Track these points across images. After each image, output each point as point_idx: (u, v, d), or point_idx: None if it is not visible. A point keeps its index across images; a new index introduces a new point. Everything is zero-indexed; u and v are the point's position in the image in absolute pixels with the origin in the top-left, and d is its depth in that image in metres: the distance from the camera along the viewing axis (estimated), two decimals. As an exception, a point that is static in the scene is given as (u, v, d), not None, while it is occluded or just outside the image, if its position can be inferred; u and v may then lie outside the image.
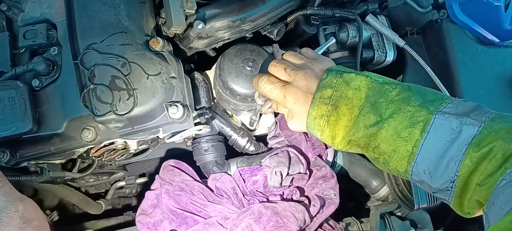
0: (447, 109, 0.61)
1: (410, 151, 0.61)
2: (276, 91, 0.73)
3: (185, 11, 0.83)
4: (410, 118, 0.61)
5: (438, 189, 0.61)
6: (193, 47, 0.90)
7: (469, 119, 0.58)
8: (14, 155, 0.81)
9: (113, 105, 0.74)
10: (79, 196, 1.18)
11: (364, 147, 0.67)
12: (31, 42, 0.80)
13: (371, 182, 1.15)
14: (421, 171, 0.62)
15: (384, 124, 0.63)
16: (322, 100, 0.67)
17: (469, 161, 0.57)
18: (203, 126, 0.86)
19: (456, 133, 0.58)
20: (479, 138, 0.57)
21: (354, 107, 0.66)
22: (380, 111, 0.64)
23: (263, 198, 0.90)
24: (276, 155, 0.90)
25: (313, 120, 0.69)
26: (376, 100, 0.64)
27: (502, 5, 0.97)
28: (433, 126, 0.60)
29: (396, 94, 0.64)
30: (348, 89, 0.66)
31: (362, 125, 0.65)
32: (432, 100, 0.63)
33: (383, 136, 0.63)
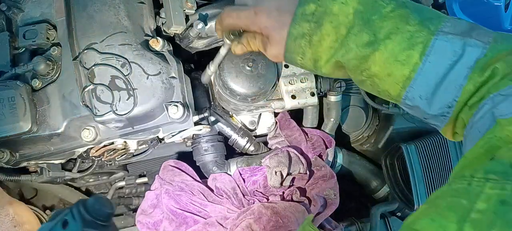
0: (447, 28, 0.55)
1: (406, 75, 0.56)
2: (244, 13, 0.64)
3: (185, 11, 0.83)
4: (409, 38, 0.55)
5: (433, 115, 0.57)
6: (193, 47, 0.90)
7: (472, 40, 0.53)
8: (14, 155, 0.81)
9: (113, 105, 0.74)
10: (79, 196, 1.18)
11: (353, 69, 0.60)
12: (31, 42, 0.80)
13: (371, 182, 1.15)
14: (416, 96, 0.56)
15: (380, 46, 0.56)
16: (303, 17, 0.59)
17: (472, 86, 0.52)
18: (203, 125, 0.86)
19: (458, 55, 0.53)
20: (484, 60, 0.51)
21: (340, 25, 0.58)
22: (374, 30, 0.56)
23: (263, 198, 0.90)
24: (276, 155, 0.90)
25: (294, 40, 0.60)
26: (369, 17, 0.57)
27: (502, 5, 0.97)
28: (434, 48, 0.54)
29: (390, 10, 0.57)
30: (334, 4, 0.58)
31: (353, 45, 0.57)
32: (430, 18, 0.56)
33: (377, 58, 0.57)
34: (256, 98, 0.88)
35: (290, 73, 0.92)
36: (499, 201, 0.37)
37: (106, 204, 0.61)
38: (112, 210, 0.62)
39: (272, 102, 0.92)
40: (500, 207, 0.37)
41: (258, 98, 0.88)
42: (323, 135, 1.00)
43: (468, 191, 0.40)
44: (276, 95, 0.92)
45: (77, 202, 0.59)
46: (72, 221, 0.58)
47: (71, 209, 0.59)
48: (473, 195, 0.39)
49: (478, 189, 0.40)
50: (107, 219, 0.61)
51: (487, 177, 0.40)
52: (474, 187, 0.40)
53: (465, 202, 0.39)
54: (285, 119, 1.00)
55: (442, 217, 0.40)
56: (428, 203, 0.44)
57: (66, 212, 0.59)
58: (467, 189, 0.41)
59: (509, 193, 0.37)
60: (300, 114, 1.03)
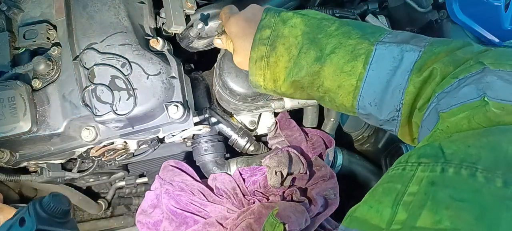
0: (386, 39, 0.60)
1: (354, 84, 0.60)
2: (226, 14, 0.74)
3: (185, 11, 0.83)
4: (352, 51, 0.60)
5: (385, 120, 0.61)
6: (193, 47, 0.90)
7: (409, 45, 0.58)
8: (14, 155, 0.82)
9: (113, 105, 0.74)
10: (79, 196, 1.18)
11: (308, 86, 0.65)
12: (31, 42, 0.80)
13: (371, 182, 1.15)
14: (367, 104, 0.61)
15: (326, 60, 0.62)
16: (261, 41, 0.66)
17: (412, 87, 0.56)
18: (203, 126, 0.86)
19: (398, 60, 0.57)
20: (421, 62, 0.56)
21: (291, 47, 0.64)
22: (320, 47, 0.62)
23: (263, 198, 0.90)
24: (276, 155, 0.90)
25: (255, 63, 0.67)
26: (315, 37, 0.63)
27: (502, 5, 0.97)
28: (374, 56, 0.59)
29: (335, 29, 0.63)
30: (285, 27, 0.65)
31: (304, 63, 0.63)
32: (372, 33, 0.61)
33: (326, 73, 0.62)
34: (256, 98, 0.88)
35: (290, 73, 0.92)
36: (429, 182, 0.39)
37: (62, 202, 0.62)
38: (68, 207, 0.63)
39: (272, 102, 0.92)
40: (430, 188, 0.38)
41: (258, 98, 0.88)
42: (323, 135, 1.00)
43: (402, 176, 0.42)
44: (276, 95, 0.92)
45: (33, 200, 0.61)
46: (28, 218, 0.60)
47: (28, 208, 0.61)
48: (406, 179, 0.41)
49: (411, 173, 0.41)
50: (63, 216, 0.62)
51: (419, 161, 0.41)
52: (407, 171, 0.42)
53: (399, 186, 0.41)
54: (285, 119, 1.00)
55: (378, 203, 0.42)
56: (370, 192, 0.46)
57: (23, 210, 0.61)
58: (401, 174, 0.42)
59: (438, 174, 0.39)
60: (300, 114, 1.03)
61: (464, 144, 0.40)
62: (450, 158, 0.40)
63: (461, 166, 0.38)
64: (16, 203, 1.02)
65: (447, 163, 0.39)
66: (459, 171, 0.38)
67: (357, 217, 0.43)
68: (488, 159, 0.38)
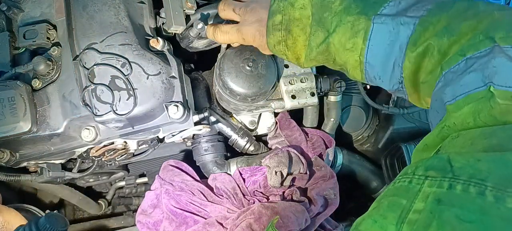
0: (386, 10, 0.59)
1: (358, 60, 0.62)
2: (234, 37, 0.75)
3: (185, 11, 0.83)
4: (351, 28, 0.61)
5: (393, 90, 0.62)
6: (193, 47, 0.90)
7: (404, 18, 0.56)
8: (14, 155, 0.81)
9: (113, 105, 0.74)
10: (79, 196, 1.18)
11: (325, 61, 0.68)
12: (31, 42, 0.80)
13: (371, 182, 1.15)
14: (372, 77, 0.63)
15: (330, 39, 0.63)
16: (274, 27, 0.68)
17: (408, 62, 0.56)
18: (203, 125, 0.86)
19: (394, 34, 0.57)
20: (415, 36, 0.55)
21: (306, 26, 0.66)
22: (326, 27, 0.64)
23: (263, 198, 0.90)
24: (276, 155, 0.90)
25: (274, 47, 0.70)
26: (320, 16, 0.64)
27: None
28: (373, 31, 0.59)
29: (338, 4, 0.63)
30: (294, 10, 0.66)
31: (314, 44, 0.65)
32: (373, 3, 0.61)
33: (333, 50, 0.64)
34: (256, 98, 0.88)
35: (290, 73, 0.92)
36: (436, 200, 0.37)
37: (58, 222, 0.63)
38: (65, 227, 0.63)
39: (272, 102, 0.92)
40: (436, 206, 0.36)
41: (258, 98, 0.88)
42: (323, 135, 1.00)
43: (408, 189, 0.40)
44: (276, 95, 0.92)
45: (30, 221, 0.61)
46: None
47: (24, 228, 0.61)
48: (412, 193, 0.39)
49: (417, 187, 0.39)
50: None
51: (426, 174, 0.40)
52: (414, 185, 0.40)
53: (404, 202, 0.39)
54: (285, 119, 1.00)
55: (383, 218, 0.40)
56: (375, 202, 0.44)
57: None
58: (407, 187, 0.41)
59: (445, 191, 0.37)
60: (300, 114, 1.03)
61: (474, 157, 0.38)
62: (458, 173, 0.38)
63: (470, 183, 0.36)
64: (16, 203, 1.02)
65: (455, 179, 0.37)
66: (467, 189, 0.36)
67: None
68: (499, 175, 0.36)
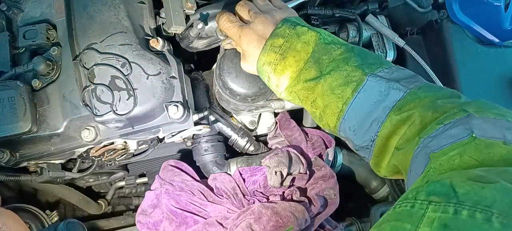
0: (381, 73, 0.63)
1: (340, 108, 0.64)
2: (233, 30, 0.74)
3: (185, 11, 0.83)
4: (346, 76, 0.64)
5: (360, 146, 0.65)
6: (193, 47, 0.90)
7: (397, 84, 0.61)
8: (14, 155, 0.81)
9: (113, 105, 0.74)
10: (79, 196, 1.18)
11: (303, 99, 0.69)
12: (31, 42, 0.80)
13: (371, 182, 1.15)
14: (347, 128, 0.65)
15: (321, 79, 0.66)
16: (272, 48, 0.69)
17: (389, 123, 0.59)
18: (203, 125, 0.86)
19: (383, 95, 0.61)
20: (402, 102, 0.59)
21: (301, 61, 0.68)
22: (321, 68, 0.66)
23: (263, 198, 0.90)
24: (276, 155, 0.90)
25: (262, 65, 0.71)
26: (319, 57, 0.67)
27: (502, 5, 0.97)
28: (364, 86, 0.62)
29: (339, 53, 0.66)
30: (298, 42, 0.68)
31: (302, 77, 0.67)
32: (370, 64, 0.65)
33: (319, 90, 0.66)
34: (256, 98, 0.88)
35: (290, 73, 0.92)
36: (442, 225, 0.37)
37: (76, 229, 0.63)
38: None
39: (272, 102, 0.92)
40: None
41: (258, 98, 0.88)
42: (323, 135, 1.00)
43: (411, 214, 0.40)
44: (276, 95, 0.92)
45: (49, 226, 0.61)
46: None
47: None
48: (416, 218, 0.39)
49: (421, 211, 0.39)
50: None
51: (429, 199, 0.40)
52: (417, 209, 0.40)
53: (408, 226, 0.39)
54: (285, 118, 1.00)
55: None
56: (375, 227, 0.44)
57: None
58: (410, 211, 0.40)
59: (451, 215, 0.37)
60: (300, 114, 1.03)
61: (478, 185, 0.38)
62: (463, 198, 0.38)
63: (476, 209, 0.36)
64: (16, 203, 1.02)
65: (460, 204, 0.37)
66: (474, 215, 0.36)
67: None
68: (504, 202, 0.36)
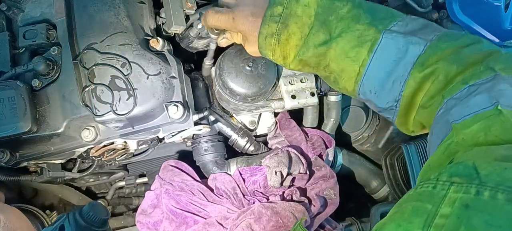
0: (396, 28, 0.59)
1: (357, 71, 0.61)
2: (223, 17, 0.71)
3: (185, 11, 0.83)
4: (359, 37, 0.60)
5: (383, 109, 0.62)
6: (193, 47, 0.90)
7: (415, 38, 0.57)
8: (14, 155, 0.81)
9: (113, 105, 0.74)
10: (79, 196, 1.18)
11: (315, 66, 0.66)
12: (31, 42, 0.80)
13: (371, 182, 1.15)
14: (367, 91, 0.62)
15: (332, 43, 0.62)
16: (272, 18, 0.65)
17: (412, 81, 0.56)
18: (203, 125, 0.86)
19: (402, 52, 0.57)
20: (424, 57, 0.56)
21: (304, 26, 0.64)
22: (330, 30, 0.62)
23: (263, 198, 0.90)
24: (276, 155, 0.90)
25: (264, 39, 0.67)
26: (326, 18, 0.63)
27: (502, 5, 0.97)
28: (380, 45, 0.59)
29: (346, 11, 0.62)
30: (298, 6, 0.64)
31: (311, 44, 0.64)
32: (382, 18, 0.61)
33: (332, 55, 0.63)
34: (256, 98, 0.88)
35: (290, 73, 0.92)
36: (463, 205, 0.37)
37: (101, 211, 0.66)
38: (106, 216, 0.66)
39: (272, 102, 0.92)
40: (464, 212, 0.37)
41: (258, 98, 0.88)
42: (323, 135, 1.00)
43: (432, 195, 0.40)
44: (276, 95, 0.92)
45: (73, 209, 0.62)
46: (68, 226, 0.63)
47: (67, 215, 0.64)
48: (437, 198, 0.39)
49: (442, 192, 0.39)
50: (101, 225, 0.65)
51: (451, 180, 0.40)
52: (438, 190, 0.40)
53: (429, 206, 0.39)
54: (285, 119, 1.00)
55: (408, 222, 0.40)
56: (396, 207, 0.44)
57: (63, 218, 0.64)
58: (431, 192, 0.41)
59: (473, 196, 0.37)
60: (300, 114, 1.03)
61: (500, 166, 0.38)
62: (485, 179, 0.38)
63: (497, 190, 0.36)
64: (16, 203, 1.02)
65: (482, 185, 0.37)
66: (495, 195, 0.36)
67: None
68: None
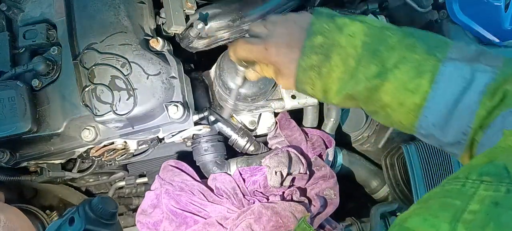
0: (453, 55, 0.55)
1: (417, 103, 0.56)
2: (255, 48, 0.65)
3: (185, 11, 0.83)
4: (417, 67, 0.55)
5: (449, 143, 0.56)
6: (193, 47, 0.90)
7: (481, 65, 0.53)
8: (14, 155, 0.81)
9: (113, 105, 0.74)
10: (79, 196, 1.18)
11: (364, 100, 0.60)
12: (31, 42, 0.80)
13: (371, 182, 1.15)
14: (430, 124, 0.56)
15: (388, 75, 0.57)
16: (312, 49, 0.60)
17: (484, 111, 0.52)
18: (203, 125, 0.86)
19: (468, 81, 0.53)
20: (494, 85, 0.52)
21: (348, 57, 0.59)
22: (382, 61, 0.57)
23: (263, 198, 0.90)
24: (276, 155, 0.90)
25: (304, 72, 0.61)
26: (376, 48, 0.58)
27: (502, 5, 0.97)
28: (442, 75, 0.54)
29: (397, 40, 0.58)
30: (341, 36, 0.59)
31: (362, 76, 0.58)
32: (436, 46, 0.57)
33: (387, 88, 0.57)
34: (256, 98, 0.88)
35: (290, 73, 0.92)
36: (493, 203, 0.37)
37: (110, 204, 0.67)
38: (115, 209, 0.67)
39: (272, 102, 0.92)
40: (493, 209, 0.37)
41: (258, 98, 0.88)
42: (323, 135, 1.00)
43: (461, 192, 0.40)
44: (276, 95, 0.92)
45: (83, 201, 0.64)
46: (77, 218, 0.64)
47: (77, 208, 0.65)
48: (466, 195, 0.39)
49: (471, 190, 0.39)
50: (111, 218, 0.66)
51: (481, 179, 0.40)
52: (468, 188, 0.40)
53: (458, 203, 0.39)
54: (285, 119, 1.00)
55: (434, 217, 0.39)
56: (419, 203, 0.44)
57: (73, 210, 0.65)
58: (460, 190, 0.40)
59: (503, 194, 0.37)
60: (300, 114, 1.03)
61: None
62: None
63: None
64: (16, 203, 1.02)
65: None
66: None
67: (408, 228, 0.41)
68: None
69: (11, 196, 1.08)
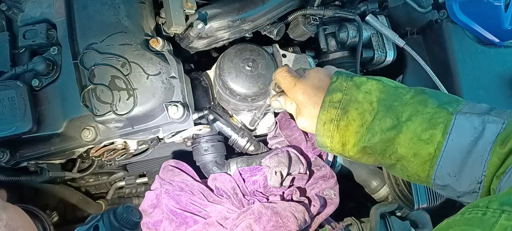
0: (465, 109, 0.59)
1: (432, 153, 0.59)
2: (289, 79, 0.71)
3: (185, 11, 0.83)
4: (430, 119, 0.59)
5: (464, 193, 0.59)
6: (193, 47, 0.90)
7: (491, 117, 0.57)
8: (14, 155, 0.81)
9: (113, 105, 0.74)
10: (79, 196, 1.18)
11: (381, 153, 0.64)
12: (31, 42, 0.81)
13: (371, 182, 1.15)
14: (445, 174, 0.59)
15: (402, 127, 0.60)
16: (331, 104, 0.65)
17: (496, 159, 0.55)
18: (203, 125, 0.86)
19: (479, 131, 0.56)
20: (504, 134, 0.55)
21: (365, 112, 0.63)
22: (396, 114, 0.61)
23: (263, 198, 0.90)
24: (276, 155, 0.90)
25: (323, 125, 0.66)
26: (391, 104, 0.62)
27: (502, 5, 0.97)
28: (454, 126, 0.57)
29: (410, 97, 0.62)
30: (359, 93, 0.64)
31: (378, 129, 0.62)
32: (448, 102, 0.61)
33: (402, 140, 0.60)
34: (256, 98, 0.88)
35: (290, 73, 0.92)
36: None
37: (134, 213, 0.70)
38: (139, 219, 0.70)
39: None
40: None
41: (258, 98, 0.88)
42: (323, 135, 1.00)
43: (482, 221, 0.41)
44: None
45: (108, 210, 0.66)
46: (102, 226, 0.65)
47: (102, 216, 0.66)
48: (487, 224, 0.40)
49: (493, 219, 0.40)
50: (134, 227, 0.68)
51: (502, 208, 0.40)
52: (489, 217, 0.40)
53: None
54: (285, 119, 1.00)
55: None
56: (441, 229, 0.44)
57: (98, 218, 0.66)
58: (481, 218, 0.41)
59: None
60: (300, 114, 1.03)
61: None
62: None
63: None
64: (16, 203, 1.02)
65: None
66: None
67: None
68: None
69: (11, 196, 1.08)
